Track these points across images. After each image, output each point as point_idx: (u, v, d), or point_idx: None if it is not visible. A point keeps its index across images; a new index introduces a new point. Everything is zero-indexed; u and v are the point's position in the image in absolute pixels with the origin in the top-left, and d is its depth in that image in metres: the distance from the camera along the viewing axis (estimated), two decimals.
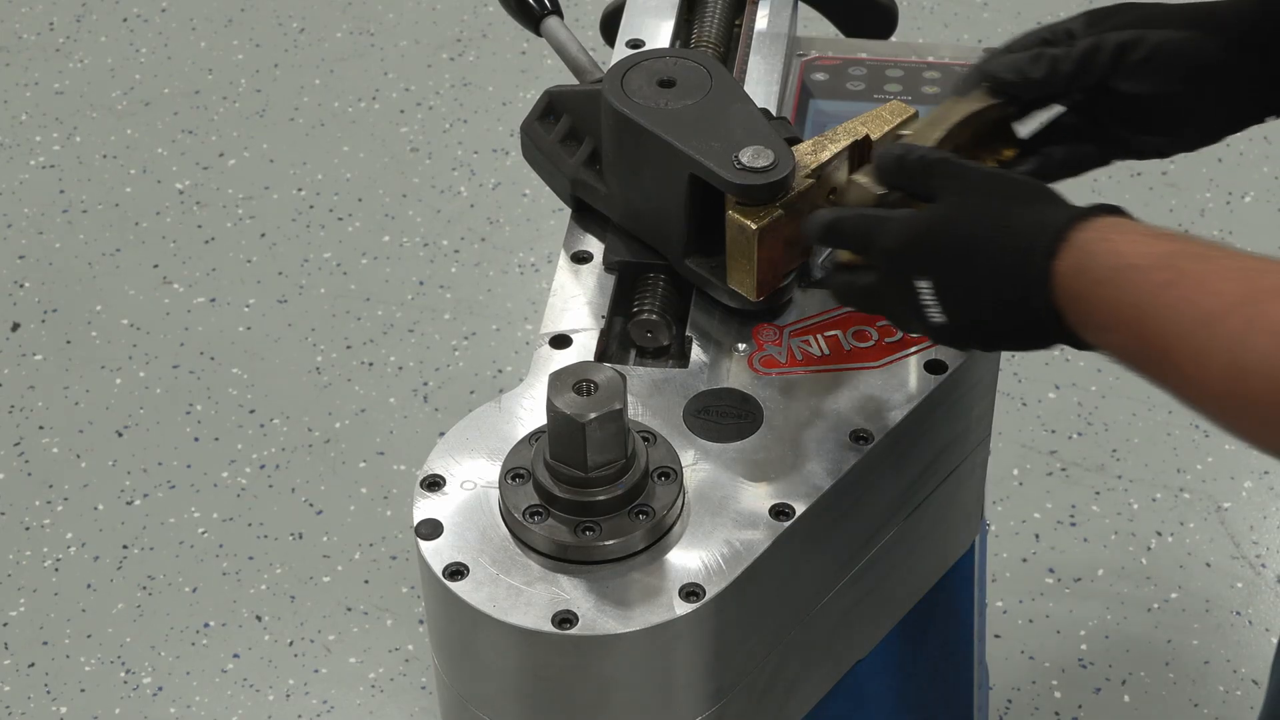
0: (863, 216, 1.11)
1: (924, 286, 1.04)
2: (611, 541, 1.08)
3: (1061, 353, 2.42)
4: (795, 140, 1.22)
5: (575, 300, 1.25)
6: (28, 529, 2.25)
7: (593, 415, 1.07)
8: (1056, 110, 1.19)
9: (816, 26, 1.59)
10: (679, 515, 1.11)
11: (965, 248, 1.03)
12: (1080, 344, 1.01)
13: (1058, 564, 2.17)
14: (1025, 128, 1.21)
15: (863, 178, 1.15)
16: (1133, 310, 0.95)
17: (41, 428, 2.37)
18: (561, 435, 1.08)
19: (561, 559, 1.08)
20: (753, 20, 1.47)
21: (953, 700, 1.54)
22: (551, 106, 1.34)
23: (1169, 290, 0.94)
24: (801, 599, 1.18)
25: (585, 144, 1.31)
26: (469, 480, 1.13)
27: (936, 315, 1.05)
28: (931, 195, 1.07)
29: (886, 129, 1.22)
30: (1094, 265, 0.98)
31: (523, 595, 1.07)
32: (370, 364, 2.44)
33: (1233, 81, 1.15)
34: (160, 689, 2.08)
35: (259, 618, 2.15)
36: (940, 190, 1.07)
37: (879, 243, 1.08)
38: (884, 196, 1.12)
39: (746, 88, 1.40)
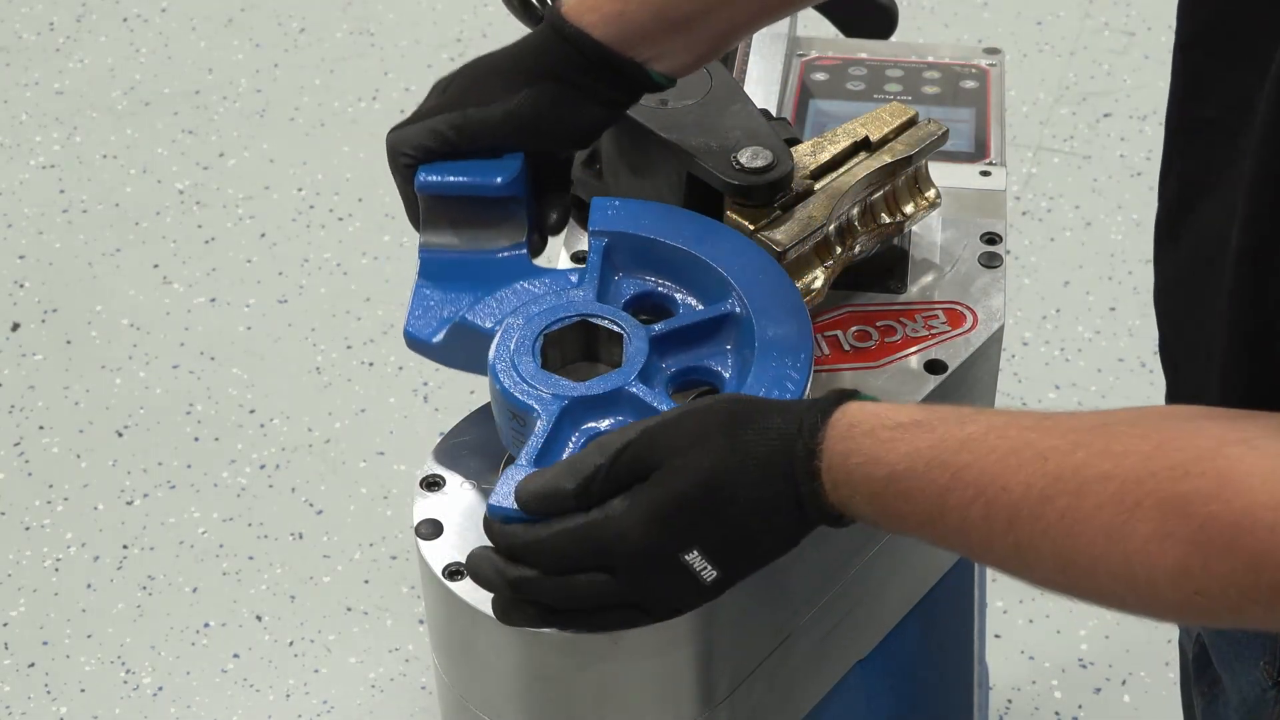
0: (574, 531, 0.95)
1: (693, 558, 0.94)
2: None
3: (1061, 352, 2.42)
4: (795, 141, 1.22)
5: None
6: (28, 529, 2.25)
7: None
8: None
9: (816, 27, 1.59)
10: None
11: (725, 500, 0.93)
12: None
13: None
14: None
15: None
16: (923, 515, 0.89)
17: (41, 428, 2.37)
18: None
19: None
20: None
21: (953, 700, 1.54)
22: None
23: (951, 495, 0.87)
24: (801, 598, 1.18)
25: None
26: (469, 480, 1.13)
27: (709, 574, 0.95)
28: (645, 473, 0.95)
29: (886, 130, 1.22)
30: (860, 480, 0.91)
31: None
32: (370, 364, 2.44)
33: None
34: (160, 689, 2.08)
35: (259, 618, 2.15)
36: (652, 463, 0.94)
37: (622, 544, 0.94)
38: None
39: (746, 88, 1.40)
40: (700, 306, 1.12)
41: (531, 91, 1.12)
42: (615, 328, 1.08)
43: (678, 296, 1.13)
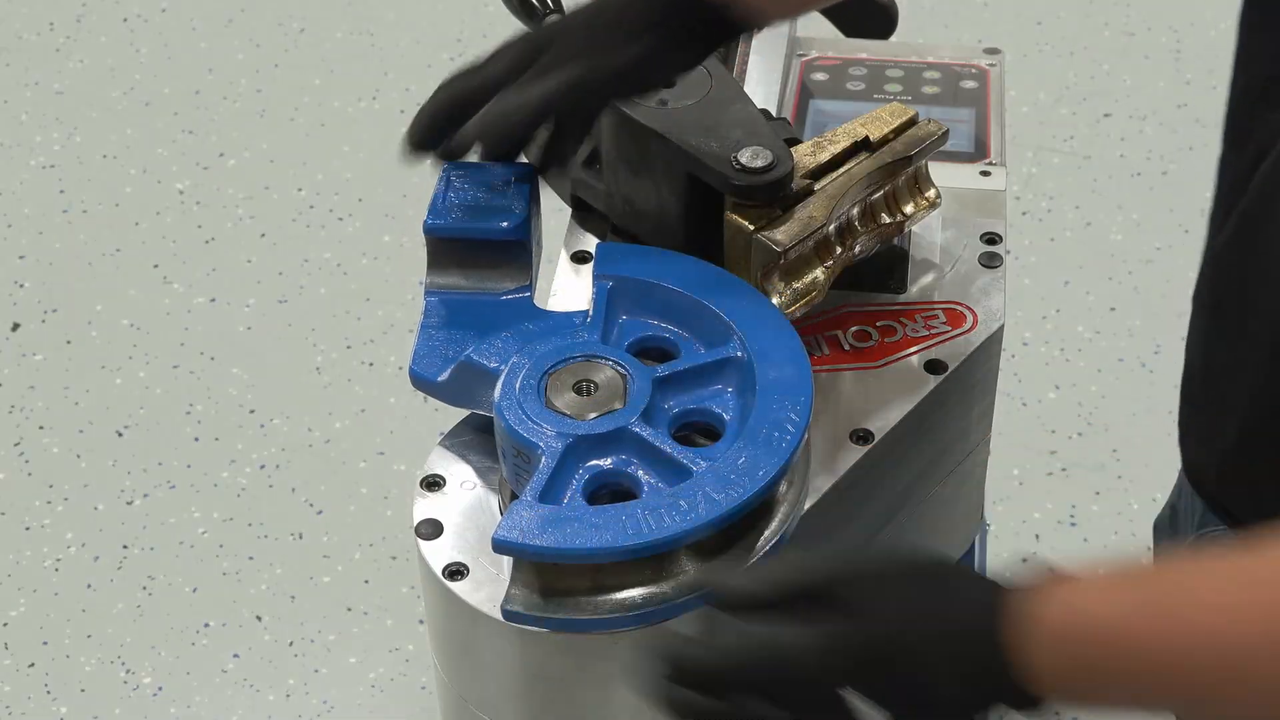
0: (755, 655, 0.93)
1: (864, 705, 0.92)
2: None
3: (1061, 352, 2.42)
4: (795, 141, 1.22)
5: (576, 300, 1.25)
6: (28, 529, 2.25)
7: (593, 415, 1.07)
8: None
9: (816, 27, 1.59)
10: None
11: (914, 656, 0.91)
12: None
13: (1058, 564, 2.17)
14: None
15: None
16: (1148, 677, 0.88)
17: (41, 428, 2.37)
18: None
19: None
20: None
21: None
22: None
23: (1179, 640, 0.87)
24: None
25: (585, 144, 1.31)
26: (468, 480, 1.13)
27: None
28: (833, 599, 0.93)
29: (886, 130, 1.22)
30: (1073, 639, 0.89)
31: None
32: (370, 364, 2.44)
33: None
34: (160, 689, 2.08)
35: (259, 618, 2.15)
36: (845, 594, 0.93)
37: (799, 679, 0.92)
38: None
39: (746, 88, 1.40)
40: (703, 350, 1.14)
41: (651, 38, 1.15)
42: (619, 369, 1.10)
43: (680, 340, 1.16)
